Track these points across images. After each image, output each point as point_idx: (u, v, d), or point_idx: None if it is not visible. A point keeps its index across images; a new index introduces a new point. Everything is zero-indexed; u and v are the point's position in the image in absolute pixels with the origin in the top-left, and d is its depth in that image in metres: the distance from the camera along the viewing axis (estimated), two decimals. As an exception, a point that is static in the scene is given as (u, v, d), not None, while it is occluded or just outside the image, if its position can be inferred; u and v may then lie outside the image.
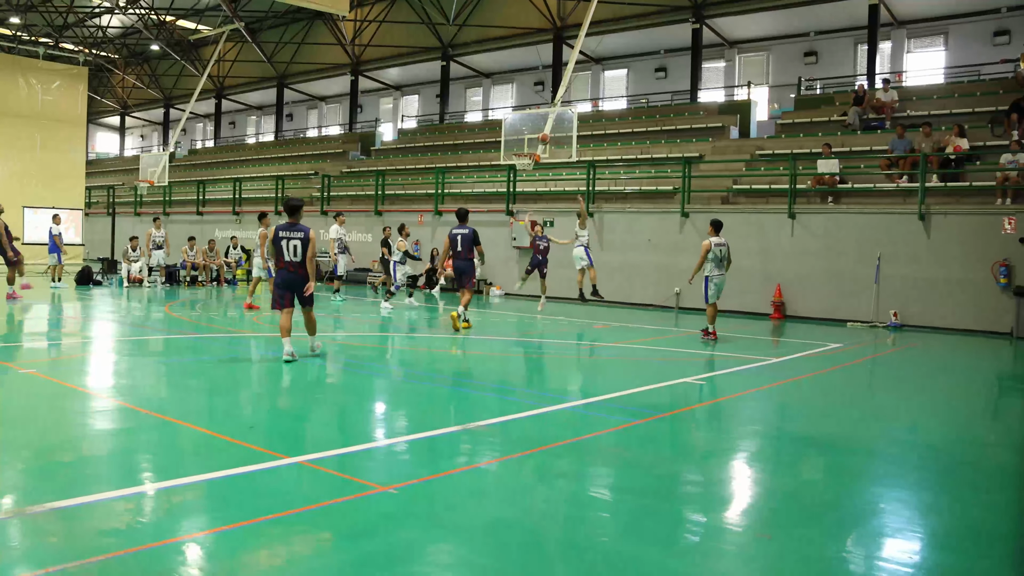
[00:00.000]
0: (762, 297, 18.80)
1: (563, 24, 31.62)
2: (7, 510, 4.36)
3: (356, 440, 6.34)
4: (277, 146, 42.63)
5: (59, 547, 3.87)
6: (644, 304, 20.43)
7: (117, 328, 13.45)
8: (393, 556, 3.92)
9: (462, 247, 14.08)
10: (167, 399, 7.77)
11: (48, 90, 29.00)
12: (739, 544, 4.29)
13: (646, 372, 10.45)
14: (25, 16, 38.34)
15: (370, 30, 37.42)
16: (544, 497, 5.01)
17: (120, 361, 10.02)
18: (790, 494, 5.25)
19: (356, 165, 34.29)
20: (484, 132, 31.71)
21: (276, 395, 8.31)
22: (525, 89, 37.26)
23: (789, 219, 18.68)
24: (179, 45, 43.25)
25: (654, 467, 5.74)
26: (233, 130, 52.24)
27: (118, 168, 50.54)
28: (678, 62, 32.12)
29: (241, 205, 32.08)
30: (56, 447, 5.71)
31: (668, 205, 21.00)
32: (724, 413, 7.90)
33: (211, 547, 3.98)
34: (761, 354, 12.23)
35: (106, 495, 4.63)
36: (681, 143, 24.85)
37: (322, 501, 4.68)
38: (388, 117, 43.04)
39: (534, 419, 7.13)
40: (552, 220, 22.30)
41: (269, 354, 10.53)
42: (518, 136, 20.39)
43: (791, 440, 6.97)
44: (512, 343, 13.46)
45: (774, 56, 31.09)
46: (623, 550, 4.11)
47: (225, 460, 5.43)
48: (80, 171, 30.12)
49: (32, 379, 8.39)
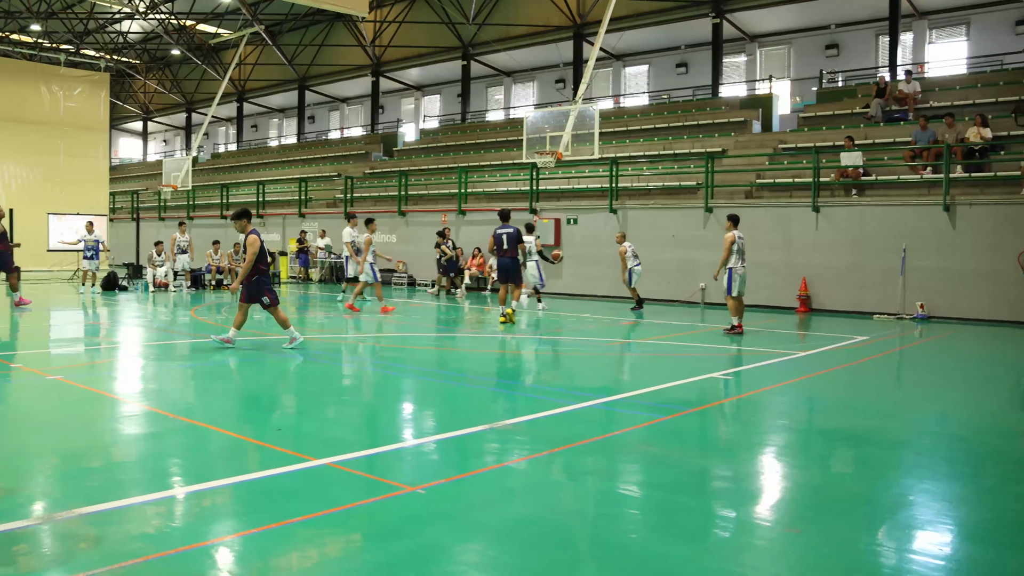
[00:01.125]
0: (787, 291, 18.72)
1: (583, 21, 31.58)
2: (37, 516, 4.39)
3: (384, 441, 6.38)
4: (299, 148, 42.86)
5: (89, 553, 3.89)
6: (669, 300, 20.38)
7: (143, 333, 13.60)
8: (422, 556, 3.94)
9: (508, 245, 14.96)
10: (194, 403, 7.84)
11: (70, 97, 29.22)
12: (769, 539, 4.30)
13: (673, 368, 10.44)
14: (46, 23, 38.64)
15: (390, 31, 37.55)
16: (572, 495, 5.03)
17: (147, 366, 10.10)
18: (819, 488, 5.24)
19: (379, 166, 34.43)
20: (506, 131, 31.74)
21: (303, 397, 8.37)
22: (546, 87, 37.25)
23: (813, 212, 18.59)
24: (200, 49, 43.52)
25: (682, 463, 5.75)
26: (255, 133, 52.60)
27: (141, 173, 50.98)
28: (699, 57, 32.00)
29: (264, 208, 32.32)
30: (84, 453, 5.76)
31: (691, 200, 20.94)
32: (752, 408, 7.89)
33: (241, 550, 4.00)
34: (788, 348, 12.18)
35: (135, 500, 4.65)
36: (703, 138, 24.77)
37: (351, 502, 4.70)
38: (410, 117, 43.16)
39: (561, 417, 7.15)
40: (576, 218, 22.31)
41: (295, 356, 10.63)
42: (540, 134, 20.45)
43: (820, 434, 6.96)
44: (537, 341, 13.49)
45: (795, 49, 30.90)
46: (653, 547, 4.13)
47: (253, 463, 5.48)
48: (104, 177, 30.33)
49: (58, 385, 8.44)
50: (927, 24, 27.90)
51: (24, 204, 26.56)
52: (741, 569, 3.87)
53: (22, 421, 6.82)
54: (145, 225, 34.07)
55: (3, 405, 7.45)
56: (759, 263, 19.21)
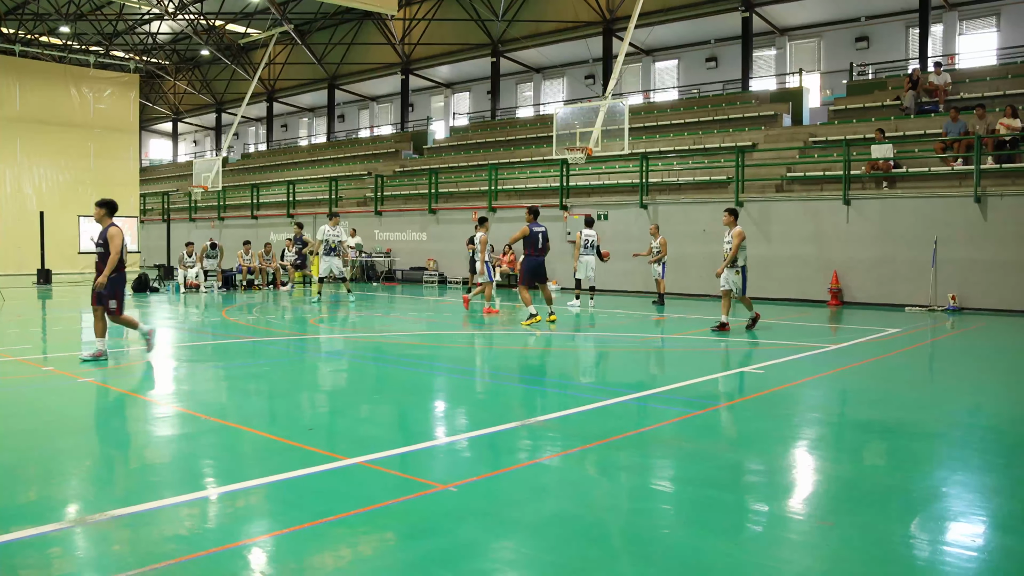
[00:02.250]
0: (818, 284, 18.59)
1: (612, 17, 31.50)
2: (71, 519, 4.42)
3: (416, 439, 6.40)
4: (329, 147, 43.14)
5: (123, 554, 3.91)
6: (700, 294, 20.30)
7: (174, 334, 13.76)
8: (456, 554, 3.95)
9: (543, 244, 14.50)
10: (226, 403, 7.89)
11: (100, 98, 29.45)
12: (802, 532, 4.29)
13: (705, 362, 10.41)
14: (75, 25, 38.96)
15: (419, 28, 37.68)
16: (605, 490, 5.05)
17: (178, 367, 10.18)
18: (852, 480, 5.22)
19: (409, 164, 34.59)
20: (536, 127, 31.77)
21: (334, 396, 8.42)
22: (576, 83, 37.20)
23: (844, 205, 18.43)
24: (229, 49, 43.85)
25: (715, 457, 5.74)
26: (285, 133, 53.00)
27: (172, 174, 51.51)
28: (729, 51, 31.81)
29: (295, 208, 32.59)
30: (117, 455, 5.83)
31: (722, 195, 20.85)
32: (784, 401, 7.85)
33: (275, 550, 4.02)
34: (820, 341, 12.09)
35: (169, 501, 4.67)
36: (734, 132, 24.63)
37: (383, 501, 4.71)
38: (439, 115, 43.30)
39: (593, 412, 7.16)
40: (606, 213, 22.28)
41: (326, 356, 10.72)
42: (570, 130, 20.44)
43: (852, 426, 6.91)
44: (569, 337, 13.50)
45: (825, 42, 30.63)
46: (686, 541, 4.14)
47: (286, 463, 5.47)
48: (134, 178, 30.55)
49: (90, 387, 8.51)
50: (957, 15, 27.55)
51: (55, 206, 26.92)
52: (775, 563, 3.87)
53: (56, 424, 6.88)
54: (176, 226, 34.50)
55: (37, 408, 7.54)
56: (790, 256, 19.10)
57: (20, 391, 8.30)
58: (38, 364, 10.03)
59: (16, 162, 26.82)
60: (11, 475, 5.25)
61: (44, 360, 10.51)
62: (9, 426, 6.73)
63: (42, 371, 9.52)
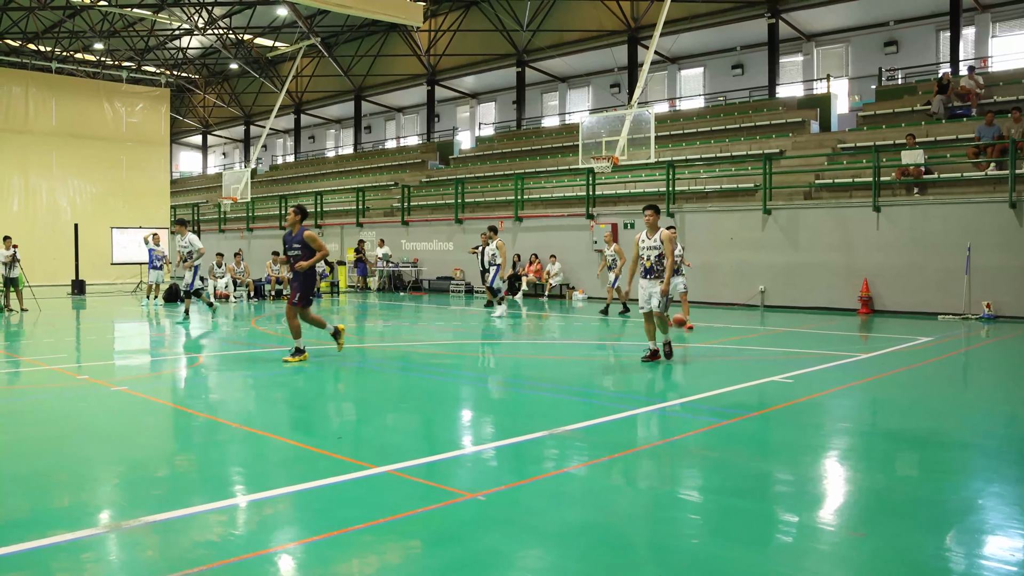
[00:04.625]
0: (848, 292, 18.39)
1: (637, 25, 31.48)
2: (104, 524, 4.51)
3: (443, 448, 6.41)
4: (356, 158, 43.43)
5: (154, 560, 3.98)
6: (727, 303, 20.17)
7: (204, 343, 13.91)
8: (482, 563, 3.97)
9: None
10: (255, 412, 7.97)
11: (132, 112, 30.00)
12: (832, 543, 4.24)
13: (732, 372, 10.34)
14: (108, 42, 39.76)
15: (445, 39, 37.87)
16: (631, 500, 5.03)
17: (208, 376, 10.32)
18: (883, 491, 5.15)
19: (435, 174, 34.73)
20: (561, 136, 31.78)
21: (362, 405, 8.48)
22: (601, 92, 37.18)
23: (874, 212, 18.23)
24: (257, 63, 44.39)
25: (742, 467, 5.69)
26: (313, 144, 53.44)
27: (201, 186, 52.17)
28: (755, 58, 31.65)
29: (323, 218, 32.82)
30: (149, 462, 5.90)
31: (749, 203, 20.72)
32: (813, 411, 7.77)
33: (303, 557, 4.06)
34: (850, 350, 11.96)
35: (199, 508, 4.74)
36: (761, 139, 24.50)
37: (411, 509, 4.72)
38: (465, 125, 43.45)
39: (620, 422, 7.14)
40: (633, 222, 22.22)
41: (354, 365, 10.76)
42: (596, 139, 20.43)
43: (883, 436, 6.82)
44: (596, 346, 13.47)
45: (853, 47, 30.35)
46: (714, 552, 4.11)
47: (314, 471, 5.52)
48: (165, 190, 31.05)
49: (123, 396, 8.65)
50: (990, 17, 27.18)
51: (89, 218, 27.39)
52: (804, 574, 3.83)
53: (90, 431, 7.02)
54: (206, 237, 34.82)
55: (72, 416, 7.68)
56: (818, 264, 18.93)
57: (55, 399, 8.43)
58: (72, 373, 10.18)
59: (52, 175, 27.32)
60: (46, 481, 5.36)
61: (78, 369, 10.66)
62: (44, 433, 6.86)
63: (76, 380, 9.66)
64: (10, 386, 9.64)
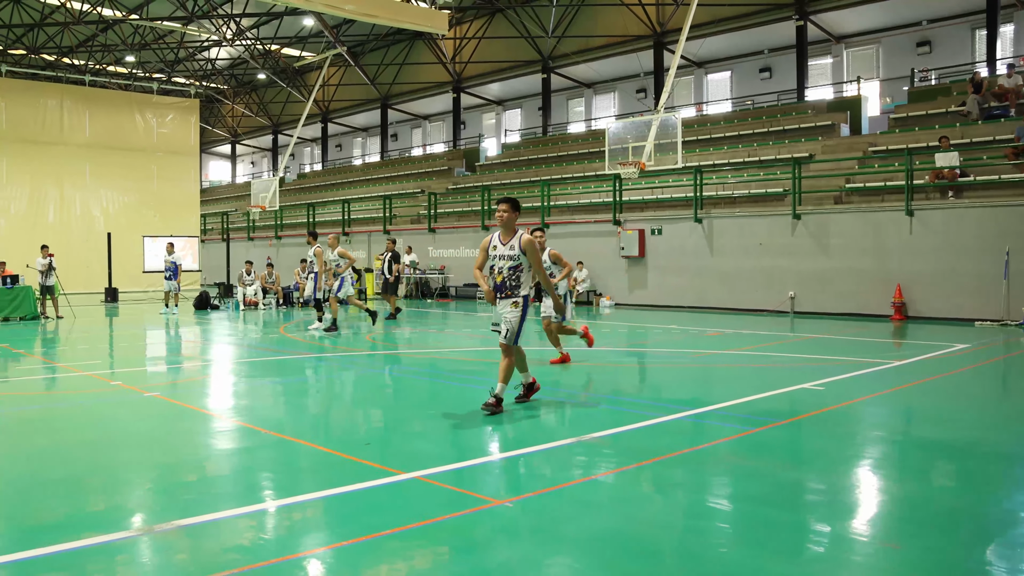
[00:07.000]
0: (880, 298, 18.12)
1: (663, 30, 31.38)
2: (137, 527, 4.58)
3: (470, 454, 6.41)
4: (383, 166, 43.67)
5: (186, 563, 4.04)
6: (756, 309, 19.98)
7: (234, 350, 14.01)
8: (510, 569, 3.95)
9: None
10: (285, 418, 8.02)
11: (162, 123, 30.42)
12: (865, 554, 4.15)
13: (762, 379, 10.21)
14: (139, 54, 40.49)
15: (470, 47, 37.98)
16: (660, 508, 4.97)
17: (238, 382, 10.42)
18: (919, 502, 5.04)
19: (462, 181, 34.80)
20: (588, 142, 31.72)
21: (390, 411, 8.48)
22: (627, 97, 37.09)
23: (907, 216, 17.96)
24: (285, 72, 44.90)
25: (774, 476, 5.61)
26: (340, 152, 53.81)
27: (230, 195, 52.79)
28: (783, 61, 31.41)
29: (350, 225, 32.98)
30: (180, 467, 5.97)
31: (778, 208, 20.52)
32: (845, 419, 7.65)
33: (332, 562, 4.08)
34: (882, 357, 11.76)
35: (229, 512, 4.81)
36: (790, 143, 24.28)
37: (438, 516, 4.73)
38: (491, 132, 43.53)
39: (648, 429, 7.07)
40: (660, 228, 22.11)
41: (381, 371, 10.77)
42: (622, 145, 20.38)
43: (918, 446, 6.69)
44: (624, 353, 13.39)
45: (884, 48, 29.99)
46: (744, 561, 4.04)
47: (343, 477, 5.56)
48: (195, 199, 31.42)
49: (155, 402, 8.78)
50: (1030, 14, 26.68)
51: (121, 227, 27.83)
52: (837, 586, 3.75)
53: (123, 436, 7.12)
54: (235, 245, 35.17)
55: (106, 421, 7.79)
56: (849, 270, 18.69)
57: (90, 405, 8.55)
58: (106, 379, 10.30)
59: (85, 185, 27.76)
60: (81, 485, 5.46)
61: (111, 375, 10.78)
62: (79, 438, 6.98)
63: (110, 385, 9.78)
64: (47, 391, 9.80)
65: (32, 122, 27.00)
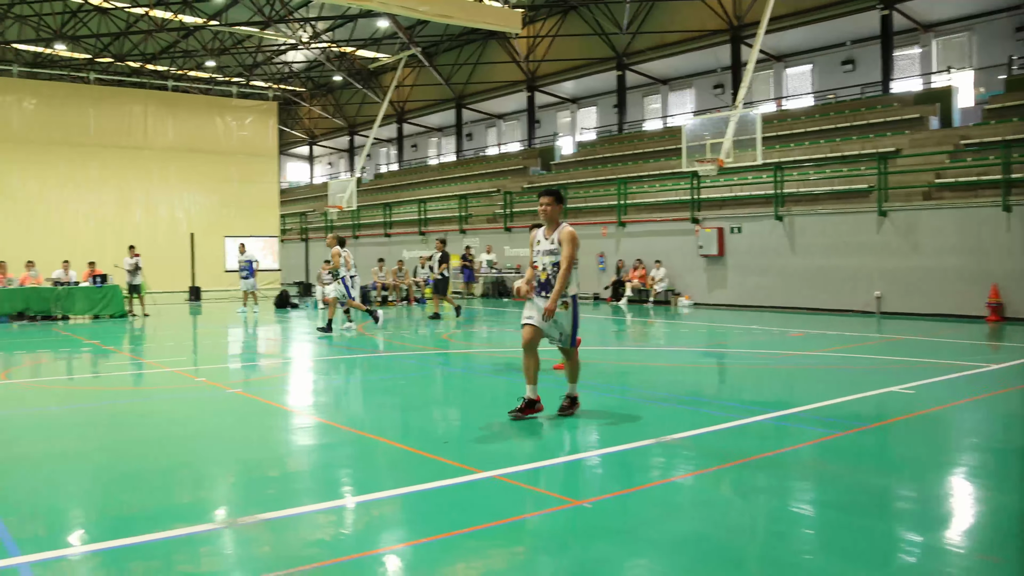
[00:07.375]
0: (974, 298, 17.34)
1: (740, 23, 30.80)
2: (221, 520, 4.70)
3: (548, 454, 6.37)
4: (458, 166, 43.95)
5: (269, 556, 4.12)
6: (841, 309, 19.41)
7: (313, 348, 14.25)
8: (588, 571, 3.91)
9: None
10: (364, 415, 8.14)
11: (242, 126, 31.18)
12: (961, 566, 3.95)
13: (847, 381, 9.90)
14: (219, 59, 41.66)
15: (544, 45, 37.94)
16: (742, 512, 4.85)
17: (318, 380, 10.60)
18: (1020, 513, 4.80)
19: (537, 180, 34.78)
20: (664, 140, 31.34)
21: (468, 410, 8.52)
22: (704, 93, 36.52)
23: (1004, 212, 17.16)
24: (360, 74, 45.61)
25: (861, 482, 5.41)
26: (415, 152, 54.38)
27: (308, 196, 53.81)
28: (867, 53, 30.46)
29: (427, 225, 33.28)
30: (263, 462, 6.09)
31: (863, 204, 19.88)
32: (938, 424, 7.35)
33: (410, 559, 4.11)
34: (977, 360, 11.28)
35: (310, 508, 4.88)
36: (875, 138, 23.56)
37: (516, 515, 4.72)
38: (566, 131, 43.40)
39: (729, 431, 6.92)
40: (740, 226, 21.69)
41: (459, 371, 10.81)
42: (699, 142, 20.04)
43: (1017, 453, 6.37)
44: (703, 353, 13.17)
45: (977, 36, 28.73)
46: (829, 569, 3.90)
47: (421, 474, 5.58)
48: (274, 200, 32.09)
49: (238, 398, 8.99)
50: None
51: (203, 228, 28.69)
52: (932, 599, 3.58)
53: (207, 432, 7.33)
54: (313, 245, 35.83)
55: (191, 417, 8.01)
56: (941, 269, 17.99)
57: (176, 401, 8.81)
58: (191, 375, 10.61)
59: (170, 187, 28.65)
60: (168, 478, 5.64)
61: (196, 372, 11.10)
62: (166, 433, 7.19)
63: (195, 382, 10.06)
64: (135, 387, 10.12)
65: (119, 128, 27.95)
